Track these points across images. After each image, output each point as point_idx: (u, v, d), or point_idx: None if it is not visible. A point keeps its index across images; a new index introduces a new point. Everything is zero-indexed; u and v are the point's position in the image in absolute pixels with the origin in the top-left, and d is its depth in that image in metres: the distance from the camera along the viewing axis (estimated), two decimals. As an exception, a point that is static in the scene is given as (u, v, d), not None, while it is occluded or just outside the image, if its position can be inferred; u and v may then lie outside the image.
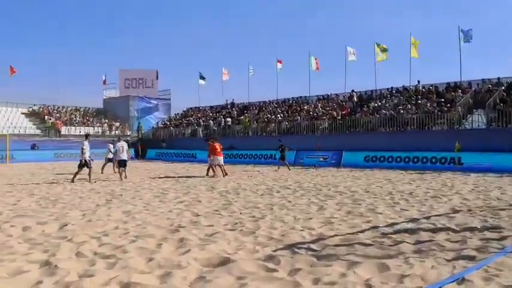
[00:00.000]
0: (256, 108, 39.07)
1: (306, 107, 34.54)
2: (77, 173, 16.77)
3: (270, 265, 5.42)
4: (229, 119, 37.68)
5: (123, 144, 18.05)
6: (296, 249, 6.14)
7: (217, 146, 19.06)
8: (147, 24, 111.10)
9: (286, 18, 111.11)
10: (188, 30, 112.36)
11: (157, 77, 51.63)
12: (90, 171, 16.61)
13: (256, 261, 5.61)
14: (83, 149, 16.56)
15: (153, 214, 9.25)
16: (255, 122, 35.29)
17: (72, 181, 16.41)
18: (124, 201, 11.36)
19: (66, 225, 8.06)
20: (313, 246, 6.33)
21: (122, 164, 17.79)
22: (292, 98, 38.25)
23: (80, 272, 5.17)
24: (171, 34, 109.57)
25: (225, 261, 5.58)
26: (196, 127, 38.98)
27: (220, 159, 19.04)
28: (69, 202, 11.17)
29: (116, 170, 19.50)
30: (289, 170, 22.44)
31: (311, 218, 8.58)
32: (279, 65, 40.31)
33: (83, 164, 16.56)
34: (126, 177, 17.66)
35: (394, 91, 31.63)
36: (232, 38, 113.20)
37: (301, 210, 9.59)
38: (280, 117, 33.91)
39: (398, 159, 24.31)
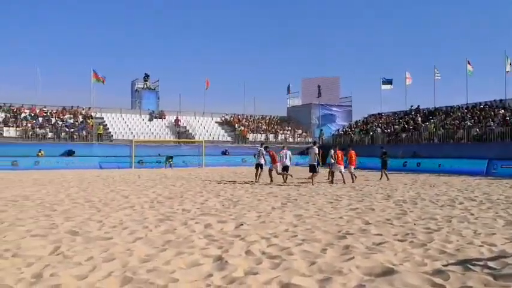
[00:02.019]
0: (442, 114, 36.62)
1: (501, 112, 31.14)
2: (259, 174, 19.94)
3: (437, 280, 5.05)
4: (397, 127, 37.04)
5: (287, 152, 19.68)
6: (470, 266, 5.61)
7: (339, 154, 19.97)
8: (328, 32, 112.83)
9: (476, 15, 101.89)
10: (368, 35, 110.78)
11: (339, 84, 52.14)
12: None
13: (422, 274, 5.28)
14: (259, 154, 20.02)
15: (323, 220, 9.35)
16: (441, 128, 33.12)
17: (256, 181, 19.69)
18: (298, 205, 11.72)
19: (242, 225, 8.66)
20: (491, 264, 5.71)
21: (286, 169, 19.45)
22: (485, 102, 34.87)
23: (246, 269, 5.51)
24: (352, 40, 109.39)
25: (388, 272, 5.39)
26: (362, 135, 38.88)
27: (340, 167, 19.63)
28: (248, 204, 11.96)
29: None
30: (388, 179, 21.00)
31: (494, 234, 7.73)
32: (469, 67, 37.24)
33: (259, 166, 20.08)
34: (285, 181, 19.20)
35: None
36: (416, 40, 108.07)
37: (484, 225, 8.69)
38: (469, 123, 31.19)
39: None
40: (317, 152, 18.74)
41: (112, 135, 38.96)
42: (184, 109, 46.78)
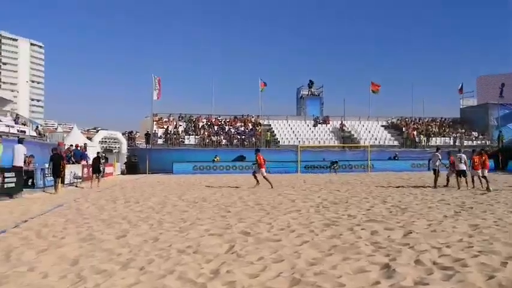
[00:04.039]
0: None
1: None
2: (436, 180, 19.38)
3: None
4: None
5: (461, 155, 19.22)
6: None
7: (476, 159, 18.76)
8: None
9: None
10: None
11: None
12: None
13: None
14: (430, 159, 20.17)
15: (503, 230, 8.48)
16: None
17: (434, 187, 18.86)
18: (473, 214, 10.82)
19: (411, 232, 8.31)
20: None
21: (462, 174, 19.00)
22: None
23: (416, 279, 5.30)
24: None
25: None
26: None
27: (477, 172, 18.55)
28: (417, 211, 11.42)
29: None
30: None
31: None
32: None
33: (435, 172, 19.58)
34: (459, 187, 18.66)
35: None
36: None
37: None
38: None
39: None
40: None
41: (279, 141, 40.59)
42: (349, 114, 46.66)
